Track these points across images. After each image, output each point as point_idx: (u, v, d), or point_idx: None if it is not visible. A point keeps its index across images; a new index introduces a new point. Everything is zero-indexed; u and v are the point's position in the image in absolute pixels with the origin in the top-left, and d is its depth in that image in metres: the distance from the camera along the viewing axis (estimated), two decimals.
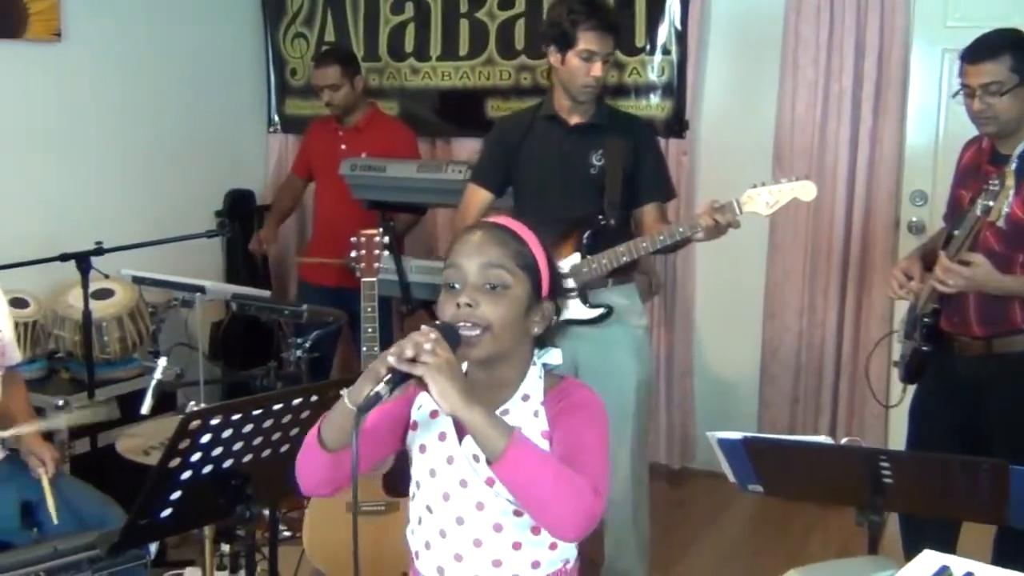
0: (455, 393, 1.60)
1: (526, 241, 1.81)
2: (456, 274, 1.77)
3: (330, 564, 3.44)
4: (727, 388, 4.76)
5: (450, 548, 1.82)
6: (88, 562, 2.26)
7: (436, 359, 1.60)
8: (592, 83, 3.18)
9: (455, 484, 1.81)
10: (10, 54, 4.17)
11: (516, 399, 1.80)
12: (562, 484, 1.63)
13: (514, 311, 1.76)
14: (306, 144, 4.86)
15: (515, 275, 1.76)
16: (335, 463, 1.77)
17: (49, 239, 3.83)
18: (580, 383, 1.90)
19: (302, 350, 3.27)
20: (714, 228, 3.01)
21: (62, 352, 4.05)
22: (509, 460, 1.61)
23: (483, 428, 1.62)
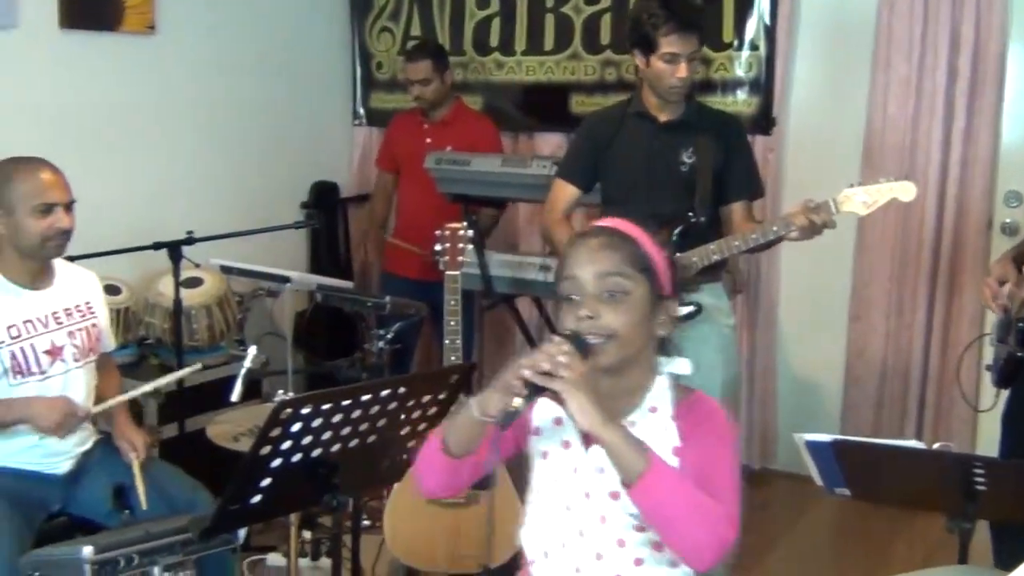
0: (593, 410, 1.58)
1: (639, 241, 1.78)
2: (573, 286, 1.74)
3: (410, 554, 3.47)
4: (810, 389, 4.70)
5: (570, 559, 1.80)
6: (180, 545, 2.30)
7: (572, 374, 1.59)
8: (679, 84, 3.14)
9: (579, 495, 1.78)
10: (106, 46, 4.27)
11: (643, 410, 1.77)
12: (698, 512, 1.60)
13: (637, 315, 1.73)
14: (390, 137, 4.90)
15: (633, 279, 1.73)
16: (456, 468, 1.77)
17: (140, 228, 3.92)
18: (710, 398, 1.84)
19: (384, 341, 3.29)
20: (809, 228, 2.95)
21: (152, 339, 4.14)
22: (646, 484, 1.58)
23: (621, 448, 1.60)
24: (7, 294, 2.82)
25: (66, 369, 2.89)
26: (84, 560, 2.19)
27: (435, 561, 3.48)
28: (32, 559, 2.43)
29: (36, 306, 2.86)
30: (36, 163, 2.82)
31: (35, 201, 2.75)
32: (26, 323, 2.82)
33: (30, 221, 2.76)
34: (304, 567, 3.58)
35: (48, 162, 2.84)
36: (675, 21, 3.07)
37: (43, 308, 2.87)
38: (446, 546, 3.46)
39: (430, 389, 2.20)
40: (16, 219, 2.76)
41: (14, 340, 2.79)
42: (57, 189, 2.80)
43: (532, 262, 4.10)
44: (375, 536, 3.56)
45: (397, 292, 3.73)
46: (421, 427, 2.27)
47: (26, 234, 2.77)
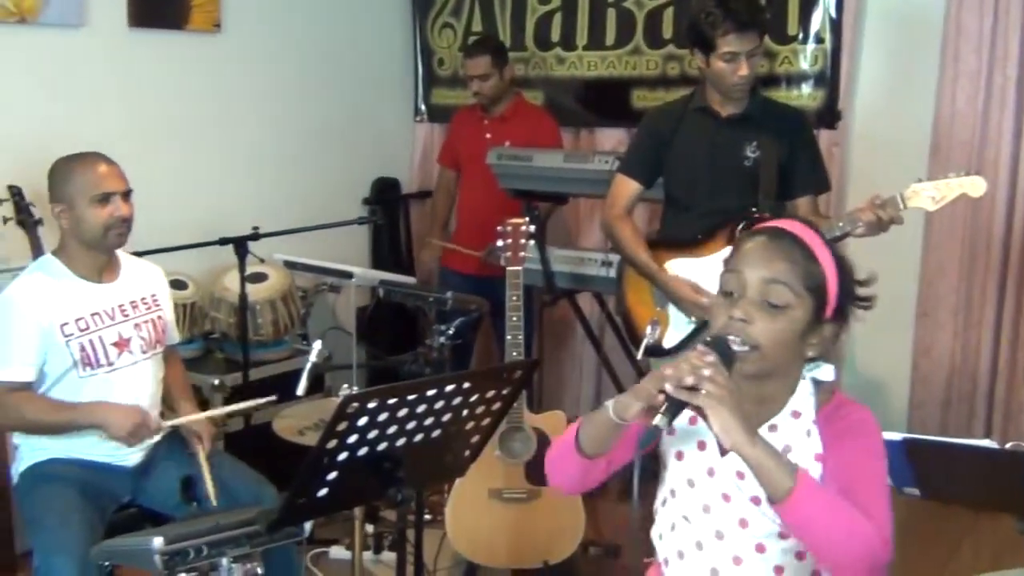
0: (738, 428, 1.53)
1: (817, 257, 1.69)
2: (735, 281, 1.68)
3: (472, 549, 3.48)
4: (875, 387, 4.63)
5: (707, 561, 1.77)
6: (247, 537, 2.31)
7: (717, 389, 1.53)
8: (740, 83, 3.11)
9: (716, 497, 1.75)
10: (173, 44, 4.34)
11: (785, 415, 1.72)
12: (850, 531, 1.54)
13: (789, 334, 1.66)
14: (452, 133, 4.91)
15: (799, 296, 1.66)
16: (589, 467, 1.75)
17: (206, 224, 3.97)
18: (854, 401, 1.78)
19: (445, 337, 3.30)
20: (876, 224, 2.91)
21: (217, 333, 4.19)
22: (796, 503, 1.53)
23: (769, 466, 1.54)
24: (75, 288, 2.87)
25: (133, 361, 2.93)
26: (154, 551, 2.21)
27: (496, 556, 3.49)
28: (103, 549, 2.46)
29: (103, 299, 2.91)
30: (91, 156, 2.88)
31: (93, 192, 2.81)
32: (94, 316, 2.87)
33: (90, 212, 2.82)
34: (367, 560, 3.60)
35: (102, 154, 2.90)
36: (732, 20, 3.03)
37: (110, 301, 2.92)
38: (508, 541, 3.46)
39: (494, 385, 2.19)
40: (77, 212, 2.82)
41: (83, 332, 2.84)
42: (113, 179, 2.86)
43: (593, 257, 4.09)
44: (436, 530, 3.58)
45: (457, 288, 3.74)
46: (485, 422, 2.27)
47: (88, 225, 2.83)
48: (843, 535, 1.54)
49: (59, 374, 2.82)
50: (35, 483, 2.81)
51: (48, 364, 2.81)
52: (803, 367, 1.74)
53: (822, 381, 1.75)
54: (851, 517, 1.55)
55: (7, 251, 3.73)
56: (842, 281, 1.71)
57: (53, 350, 2.80)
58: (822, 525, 1.54)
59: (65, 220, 2.85)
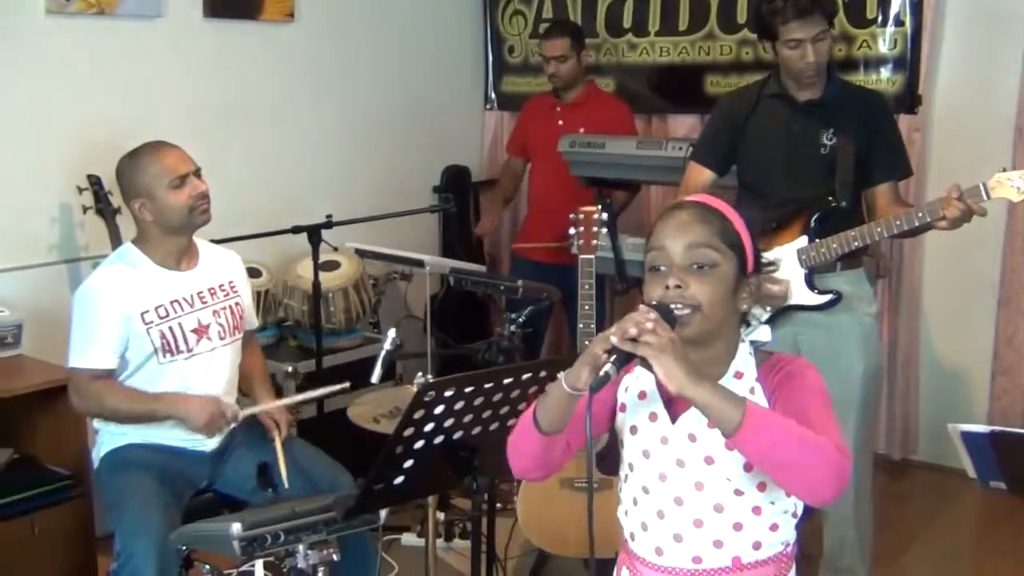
0: (681, 372, 1.57)
1: (729, 218, 1.77)
2: (662, 256, 1.74)
3: (543, 537, 3.47)
4: (955, 378, 4.53)
5: (669, 528, 1.80)
6: (324, 524, 2.33)
7: (659, 339, 1.58)
8: (808, 68, 3.03)
9: (671, 464, 1.78)
10: (247, 34, 4.38)
11: (728, 377, 1.76)
12: (807, 443, 1.58)
13: (723, 289, 1.73)
14: (522, 122, 4.89)
15: (722, 253, 1.73)
16: (547, 447, 1.78)
17: (279, 212, 4.00)
18: (791, 355, 1.83)
19: (516, 325, 3.29)
20: (958, 216, 2.80)
21: (291, 321, 4.23)
22: (748, 429, 1.57)
23: (715, 403, 1.58)
24: (155, 276, 2.91)
25: (212, 347, 2.97)
26: (233, 536, 2.23)
27: (568, 545, 3.48)
28: (182, 534, 2.50)
29: (182, 286, 2.95)
30: (155, 145, 2.92)
31: (169, 178, 2.85)
32: (173, 303, 2.91)
33: (171, 197, 2.86)
34: (438, 548, 3.62)
35: (164, 141, 2.94)
36: (793, 7, 2.98)
37: (189, 288, 2.96)
38: (578, 531, 3.44)
39: None
40: (158, 201, 2.86)
41: (163, 320, 2.88)
42: (183, 161, 2.91)
43: None
44: (506, 519, 3.58)
45: (527, 276, 3.73)
46: None
47: (172, 210, 2.87)
48: (804, 452, 1.57)
49: (140, 361, 2.86)
50: (115, 468, 2.86)
51: (129, 351, 2.85)
52: (739, 328, 1.80)
53: (759, 342, 1.81)
54: (805, 434, 1.59)
55: (87, 239, 3.81)
56: (752, 237, 1.79)
57: (134, 338, 2.84)
58: (779, 445, 1.58)
59: (148, 212, 2.88)
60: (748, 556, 1.76)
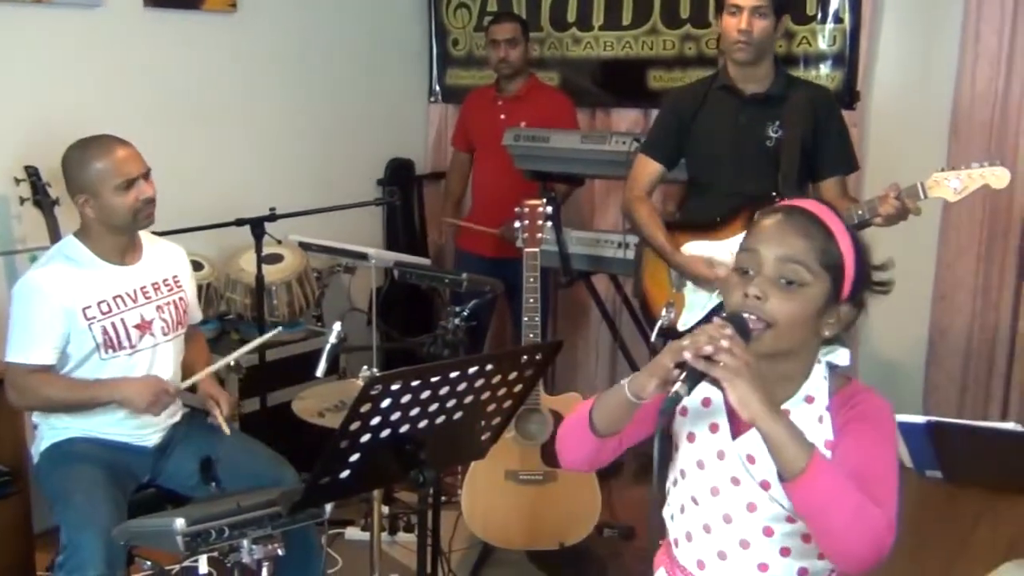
0: (757, 402, 1.51)
1: (835, 236, 1.67)
2: (750, 259, 1.66)
3: (488, 530, 3.49)
4: (891, 370, 4.61)
5: (714, 544, 1.77)
6: (268, 519, 2.32)
7: (736, 361, 1.51)
8: (740, 37, 3.06)
9: (726, 480, 1.74)
10: (189, 24, 4.32)
11: (798, 399, 1.70)
12: (857, 517, 1.52)
13: (805, 312, 1.64)
14: (464, 115, 4.89)
15: (815, 274, 1.64)
16: (600, 446, 1.75)
17: (221, 205, 3.95)
18: (869, 388, 1.75)
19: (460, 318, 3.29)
20: (894, 215, 2.86)
21: (233, 314, 4.19)
22: (807, 483, 1.51)
23: (784, 442, 1.52)
24: (97, 271, 2.87)
25: (155, 343, 2.94)
26: (176, 531, 2.22)
27: (512, 538, 3.50)
28: (124, 530, 2.47)
29: (125, 281, 2.91)
30: (107, 141, 2.85)
31: (116, 179, 2.79)
32: (116, 298, 2.87)
33: (116, 199, 2.81)
34: (383, 542, 3.61)
35: (117, 137, 2.88)
36: None
37: (132, 283, 2.92)
38: (523, 523, 3.47)
39: (516, 367, 2.18)
40: (103, 201, 2.81)
41: (105, 315, 2.84)
42: (133, 162, 2.84)
43: (610, 239, 4.07)
44: (451, 512, 3.59)
45: (471, 269, 3.74)
46: (506, 404, 2.26)
47: (116, 212, 2.82)
48: (849, 518, 1.51)
49: (81, 357, 2.83)
50: (58, 461, 2.82)
51: (71, 346, 2.82)
52: (818, 349, 1.72)
53: (837, 366, 1.74)
54: (859, 500, 1.53)
55: (24, 232, 3.74)
56: (859, 262, 1.69)
57: (76, 334, 2.80)
58: (830, 506, 1.52)
59: (91, 209, 2.83)
60: None
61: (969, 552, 3.74)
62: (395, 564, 3.68)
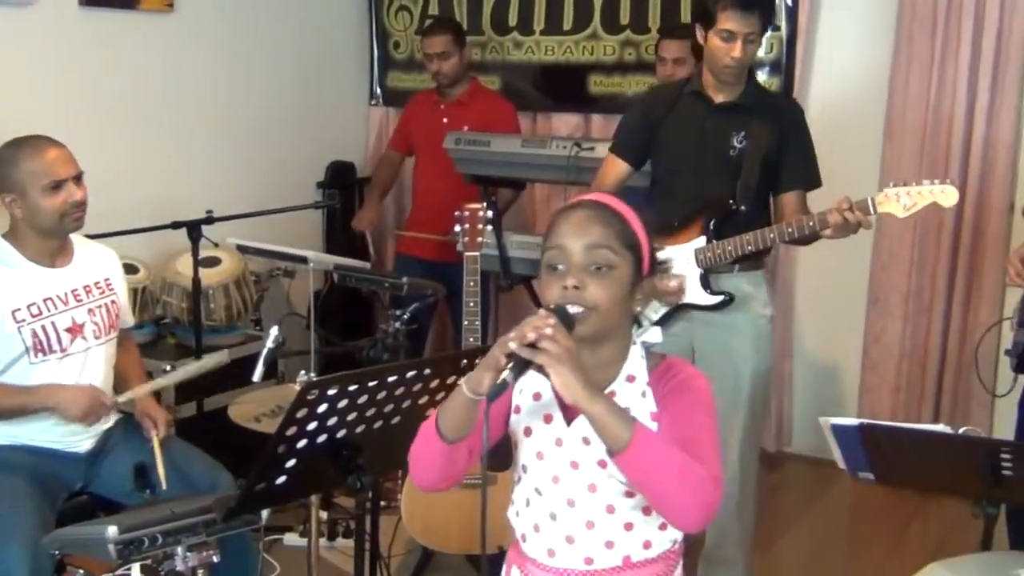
0: (578, 384, 1.59)
1: (627, 219, 1.77)
2: (560, 255, 1.74)
3: (427, 535, 3.47)
4: (827, 373, 4.69)
5: (561, 530, 1.81)
6: (203, 525, 2.29)
7: (557, 347, 1.59)
8: (732, 64, 3.04)
9: (565, 466, 1.79)
10: (125, 24, 4.25)
11: (621, 379, 1.78)
12: (684, 477, 1.62)
13: (620, 291, 1.73)
14: (406, 118, 4.88)
15: (620, 255, 1.73)
16: (451, 454, 1.76)
17: (158, 207, 3.91)
18: (683, 362, 1.86)
19: (401, 322, 3.29)
20: (843, 226, 2.87)
21: (169, 318, 4.13)
22: (633, 452, 1.60)
23: (607, 419, 1.61)
24: (27, 273, 2.82)
25: (86, 347, 2.89)
26: (108, 539, 2.18)
27: (451, 542, 3.49)
28: (56, 538, 2.42)
29: (56, 284, 2.86)
30: (39, 141, 2.80)
31: (45, 180, 2.75)
32: (46, 301, 2.82)
33: (44, 201, 2.76)
34: (321, 547, 3.58)
35: (50, 138, 2.83)
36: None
37: (63, 286, 2.87)
38: (462, 527, 3.45)
39: (454, 371, 2.18)
40: (30, 201, 2.76)
41: (35, 318, 2.79)
42: (63, 164, 2.79)
43: None
44: (390, 517, 3.57)
45: (413, 273, 3.73)
46: None
47: (43, 214, 2.77)
48: (677, 479, 1.61)
49: (9, 360, 2.77)
50: None
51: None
52: (632, 328, 1.81)
53: (652, 344, 1.83)
54: (683, 461, 1.62)
55: None
56: (650, 239, 1.81)
57: (4, 337, 2.75)
58: (658, 471, 1.61)
59: (18, 209, 2.78)
60: (638, 555, 1.79)
61: (902, 550, 3.83)
62: (334, 570, 3.66)
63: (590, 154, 3.83)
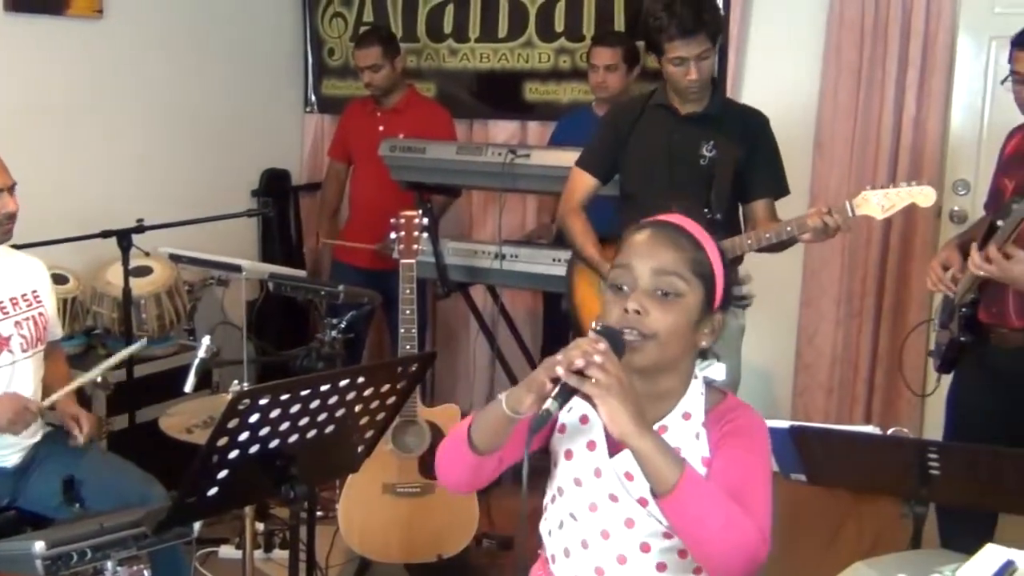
0: (627, 418, 1.52)
1: (704, 247, 1.71)
2: (626, 275, 1.68)
3: (365, 544, 3.47)
4: (761, 375, 4.73)
5: (591, 560, 1.77)
6: (133, 539, 2.26)
7: (607, 377, 1.51)
8: (692, 86, 3.07)
9: (603, 497, 1.74)
10: (53, 30, 4.19)
11: (676, 415, 1.72)
12: (730, 528, 1.54)
13: (684, 322, 1.66)
14: (343, 126, 4.86)
15: (689, 283, 1.67)
16: (481, 464, 1.72)
17: (88, 216, 3.84)
18: (745, 404, 1.79)
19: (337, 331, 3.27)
20: (822, 230, 2.91)
21: (100, 329, 4.07)
22: (678, 496, 1.53)
23: (655, 459, 1.53)
24: None
25: (13, 360, 2.84)
26: (36, 555, 2.14)
27: (390, 551, 3.48)
28: None
29: None
30: None
31: None
32: None
33: None
34: (257, 559, 3.55)
35: None
36: (676, 27, 2.99)
37: None
38: (400, 536, 3.45)
39: (389, 379, 2.18)
40: None
41: None
42: None
43: (487, 250, 4.08)
44: (328, 527, 3.55)
45: (349, 281, 3.70)
46: (379, 417, 2.25)
47: None
48: (721, 530, 1.54)
49: None
50: None
51: None
52: (695, 362, 1.75)
53: (714, 380, 1.77)
54: (731, 512, 1.55)
55: None
56: (727, 270, 1.74)
57: None
58: (702, 519, 1.54)
59: None
60: None
61: (836, 550, 3.87)
62: None
63: (525, 161, 3.84)
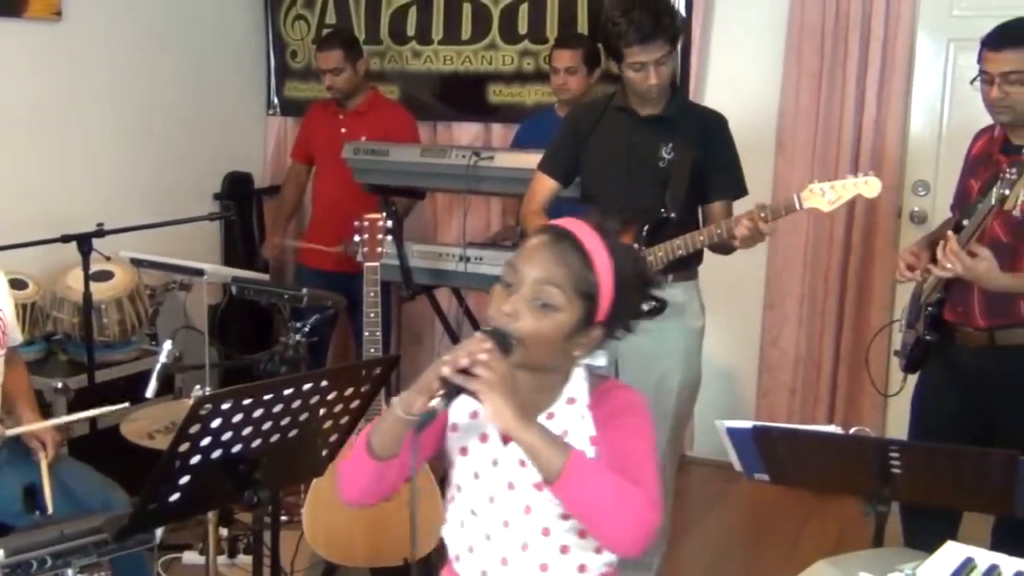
0: (510, 413, 1.57)
1: (594, 267, 1.70)
2: (512, 275, 1.71)
3: (330, 548, 3.44)
4: (725, 376, 4.76)
5: (496, 552, 1.80)
6: (94, 546, 2.23)
7: (491, 374, 1.56)
8: (651, 89, 3.07)
9: (501, 487, 1.77)
10: (10, 33, 4.14)
11: (561, 402, 1.77)
12: (620, 501, 1.60)
13: (553, 334, 1.69)
14: (306, 128, 4.84)
15: (569, 300, 1.68)
16: (381, 472, 1.74)
17: (47, 220, 3.81)
18: (623, 385, 1.85)
19: (301, 334, 3.25)
20: (749, 236, 2.93)
21: (60, 334, 4.03)
22: (566, 480, 1.58)
23: (539, 448, 1.59)
24: None
25: None
26: None
27: (355, 555, 3.46)
28: None
29: None
30: None
31: None
32: None
33: None
34: (222, 565, 3.52)
35: None
36: (635, 32, 2.99)
37: None
38: (366, 540, 3.43)
39: (353, 382, 2.16)
40: None
41: None
42: None
43: (451, 253, 4.07)
44: (293, 531, 3.53)
45: (313, 285, 3.69)
46: (343, 421, 2.23)
47: None
48: (613, 505, 1.60)
49: None
50: None
51: None
52: (574, 360, 1.78)
53: (595, 366, 1.83)
54: (619, 487, 1.61)
55: None
56: (618, 291, 1.73)
57: None
58: (593, 498, 1.60)
59: None
60: None
61: (800, 549, 3.91)
62: None
63: (489, 163, 3.85)
